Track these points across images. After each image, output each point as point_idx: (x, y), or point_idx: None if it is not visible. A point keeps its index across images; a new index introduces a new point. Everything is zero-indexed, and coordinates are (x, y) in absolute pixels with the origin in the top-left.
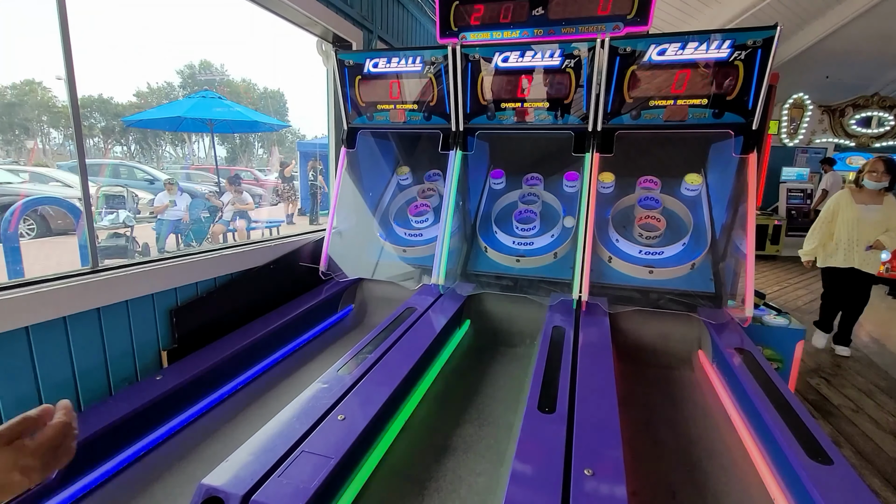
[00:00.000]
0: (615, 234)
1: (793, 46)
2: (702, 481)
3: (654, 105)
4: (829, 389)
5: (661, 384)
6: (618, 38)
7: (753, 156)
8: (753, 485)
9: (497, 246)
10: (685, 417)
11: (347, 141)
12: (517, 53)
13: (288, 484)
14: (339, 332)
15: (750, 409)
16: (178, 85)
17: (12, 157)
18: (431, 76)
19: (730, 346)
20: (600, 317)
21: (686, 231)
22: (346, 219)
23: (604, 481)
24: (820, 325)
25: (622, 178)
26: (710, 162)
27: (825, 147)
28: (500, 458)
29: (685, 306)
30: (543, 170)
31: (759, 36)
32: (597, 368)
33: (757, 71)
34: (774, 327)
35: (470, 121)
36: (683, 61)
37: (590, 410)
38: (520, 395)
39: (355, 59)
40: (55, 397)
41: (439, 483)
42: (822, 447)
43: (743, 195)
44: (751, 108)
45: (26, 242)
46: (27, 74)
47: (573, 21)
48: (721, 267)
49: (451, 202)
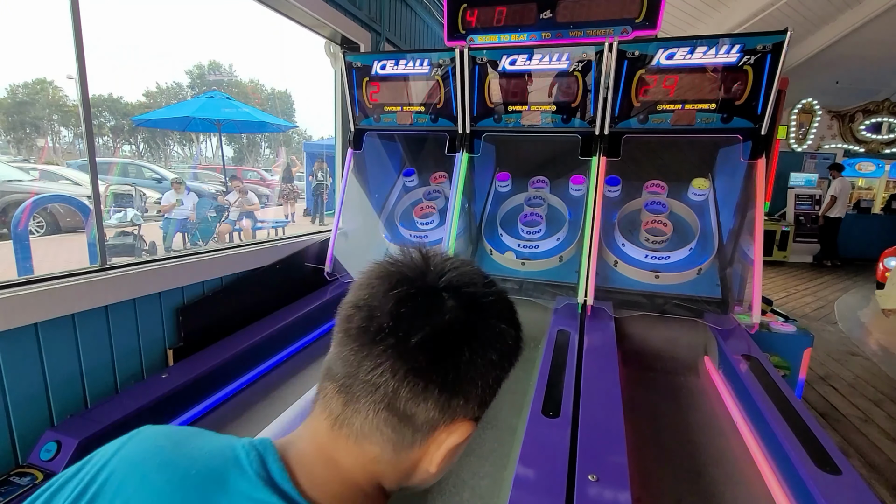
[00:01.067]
0: (621, 238)
1: (802, 51)
2: (707, 489)
3: (662, 109)
4: (838, 398)
5: (666, 390)
6: (626, 42)
7: (762, 161)
8: (760, 493)
9: (502, 249)
10: (691, 424)
11: (354, 142)
12: (524, 56)
13: None
14: None
15: (756, 416)
16: (186, 85)
17: (23, 154)
18: (438, 78)
19: (736, 353)
20: (606, 321)
21: (693, 236)
22: (351, 220)
23: (608, 487)
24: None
25: (629, 181)
26: (718, 167)
27: (834, 153)
28: (503, 462)
29: (691, 312)
30: (549, 173)
31: (769, 41)
32: (602, 373)
33: (766, 76)
34: (782, 334)
35: (476, 123)
36: (692, 65)
37: (594, 415)
38: (524, 399)
39: (363, 60)
40: (62, 394)
41: (442, 486)
42: (829, 456)
43: (751, 201)
44: (759, 112)
45: (35, 240)
46: (39, 73)
47: (581, 24)
48: (728, 272)
49: (456, 204)
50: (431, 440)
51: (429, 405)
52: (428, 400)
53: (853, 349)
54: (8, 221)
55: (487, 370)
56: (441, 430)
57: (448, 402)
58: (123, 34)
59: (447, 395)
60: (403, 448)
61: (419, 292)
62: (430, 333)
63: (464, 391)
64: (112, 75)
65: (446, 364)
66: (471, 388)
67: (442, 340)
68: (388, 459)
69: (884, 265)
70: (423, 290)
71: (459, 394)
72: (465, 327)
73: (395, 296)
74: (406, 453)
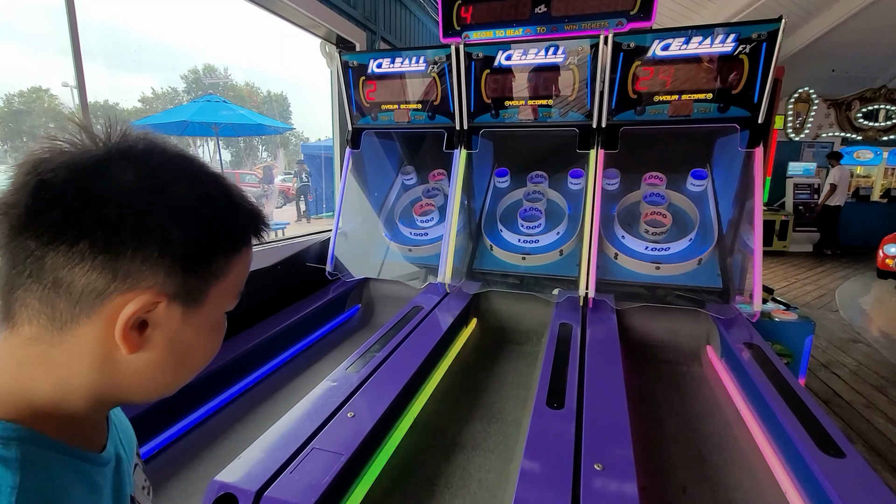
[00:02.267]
0: (621, 230)
1: (798, 40)
2: (712, 475)
3: (659, 100)
4: (841, 384)
5: (669, 380)
6: (621, 35)
7: (759, 150)
8: (764, 478)
9: (502, 244)
10: (694, 413)
11: (352, 142)
12: (520, 51)
13: (300, 480)
14: (347, 331)
15: (760, 403)
16: (182, 90)
17: None
18: (435, 75)
19: (739, 342)
20: (607, 313)
21: (692, 227)
22: (351, 219)
23: (614, 476)
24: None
25: (627, 174)
26: (716, 157)
27: (832, 141)
28: (509, 455)
29: (693, 302)
30: (548, 167)
31: (764, 29)
32: (605, 364)
33: (762, 64)
34: (784, 322)
35: (474, 119)
36: (688, 56)
37: (598, 406)
38: (528, 392)
39: (359, 59)
40: None
41: (449, 479)
42: (833, 440)
43: (749, 190)
44: (756, 101)
45: None
46: (33, 82)
47: (576, 18)
48: (728, 262)
49: (456, 201)
50: (100, 315)
51: (88, 265)
52: (88, 258)
53: (855, 336)
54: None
55: (169, 219)
56: (115, 300)
57: (114, 260)
58: (119, 38)
59: (113, 248)
60: (63, 325)
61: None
62: (68, 185)
63: (139, 242)
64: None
65: (95, 215)
66: (147, 239)
67: (82, 187)
68: (46, 342)
69: (884, 252)
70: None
71: (127, 246)
72: (121, 179)
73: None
74: (70, 334)
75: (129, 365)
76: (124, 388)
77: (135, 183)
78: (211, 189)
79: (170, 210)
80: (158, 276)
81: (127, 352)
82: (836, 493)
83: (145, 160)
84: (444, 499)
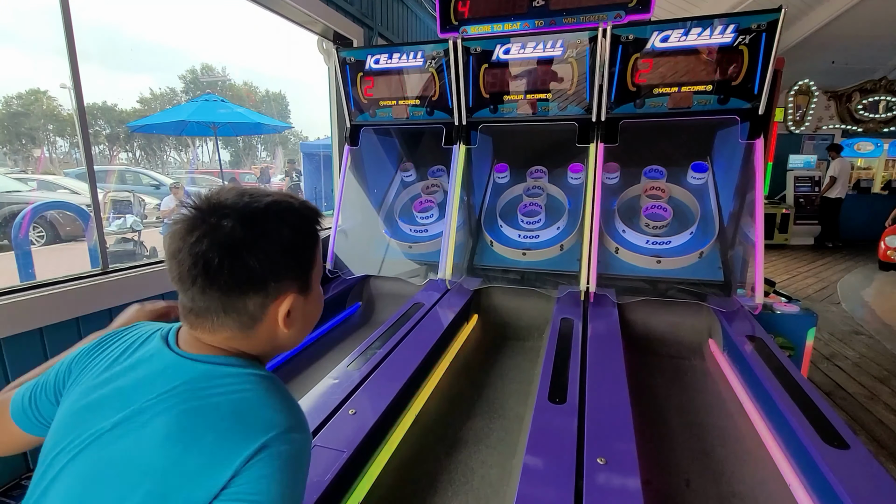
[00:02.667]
0: (621, 224)
1: (798, 32)
2: (716, 468)
3: (659, 93)
4: (843, 377)
5: (671, 373)
6: (620, 27)
7: (760, 141)
8: (768, 470)
9: (503, 240)
10: (697, 406)
11: (350, 138)
12: (518, 45)
13: None
14: (348, 328)
15: (763, 395)
16: (180, 90)
17: (20, 165)
18: (433, 71)
19: (741, 334)
20: (609, 308)
21: (693, 220)
22: (351, 217)
23: (617, 470)
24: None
25: (627, 168)
26: (716, 150)
27: (832, 133)
28: (511, 450)
29: (694, 295)
30: (548, 162)
31: (764, 19)
32: (607, 359)
33: (762, 55)
34: (786, 315)
35: (472, 115)
36: (687, 47)
37: (601, 400)
38: (529, 388)
39: (356, 56)
40: None
41: (451, 475)
42: (837, 431)
43: (750, 182)
44: (756, 92)
45: (36, 250)
46: (31, 84)
47: (574, 11)
48: (730, 255)
49: (455, 197)
50: (268, 316)
51: (249, 298)
52: (247, 294)
53: (857, 328)
54: (8, 232)
55: (280, 256)
56: (272, 307)
57: (264, 289)
58: (116, 39)
59: (259, 286)
60: (249, 328)
61: (197, 225)
62: (217, 255)
63: (273, 275)
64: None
65: (243, 272)
66: (275, 271)
67: (227, 255)
68: (241, 336)
69: (885, 244)
70: (201, 222)
71: (268, 280)
72: (241, 237)
73: (187, 237)
74: (254, 330)
75: (283, 334)
76: (280, 346)
77: (258, 239)
78: (290, 219)
79: (283, 252)
80: (292, 287)
81: (285, 330)
82: (841, 484)
83: (250, 219)
84: (447, 495)
